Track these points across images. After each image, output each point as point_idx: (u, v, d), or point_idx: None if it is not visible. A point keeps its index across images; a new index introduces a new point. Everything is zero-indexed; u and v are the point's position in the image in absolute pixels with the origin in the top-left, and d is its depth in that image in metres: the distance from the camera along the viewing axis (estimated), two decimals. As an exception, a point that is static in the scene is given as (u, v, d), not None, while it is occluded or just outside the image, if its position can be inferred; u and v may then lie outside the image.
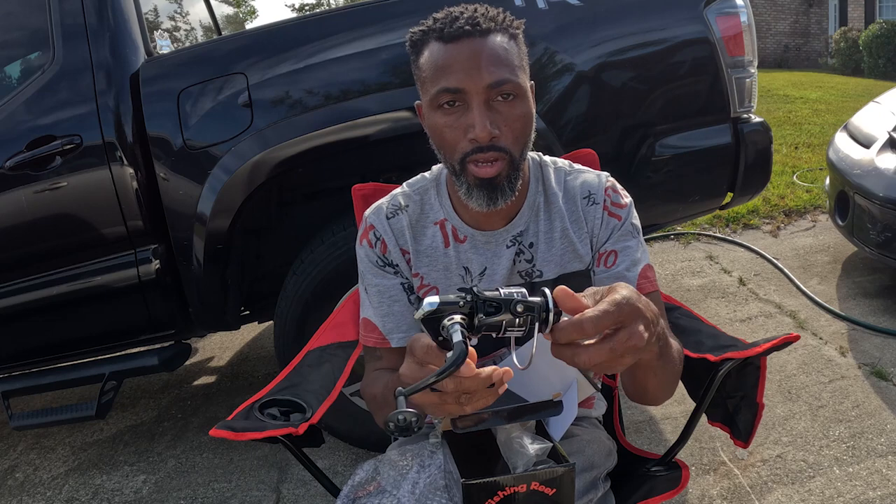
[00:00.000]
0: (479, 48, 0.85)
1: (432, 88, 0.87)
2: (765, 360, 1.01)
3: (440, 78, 0.86)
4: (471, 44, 0.85)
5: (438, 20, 0.88)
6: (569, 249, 0.99)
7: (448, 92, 0.85)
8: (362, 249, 1.03)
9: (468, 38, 0.85)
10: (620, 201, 1.00)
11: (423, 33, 0.89)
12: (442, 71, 0.86)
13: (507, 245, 0.99)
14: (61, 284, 1.91)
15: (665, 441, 1.96)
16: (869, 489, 1.68)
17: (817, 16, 15.37)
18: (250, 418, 0.98)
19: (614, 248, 0.99)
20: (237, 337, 3.05)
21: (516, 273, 0.99)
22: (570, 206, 1.00)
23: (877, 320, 2.51)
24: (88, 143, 1.80)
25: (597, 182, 1.01)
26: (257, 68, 1.76)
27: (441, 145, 0.90)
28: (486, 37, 0.86)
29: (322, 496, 1.89)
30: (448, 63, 0.85)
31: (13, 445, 2.38)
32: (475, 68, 0.84)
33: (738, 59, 1.83)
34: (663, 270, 3.21)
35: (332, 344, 1.25)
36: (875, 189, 2.53)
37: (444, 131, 0.88)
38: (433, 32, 0.88)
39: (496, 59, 0.85)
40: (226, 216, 1.80)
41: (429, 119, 0.91)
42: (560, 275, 0.99)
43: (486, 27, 0.86)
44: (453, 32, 0.85)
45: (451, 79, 0.85)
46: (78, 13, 1.82)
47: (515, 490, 0.79)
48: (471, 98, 0.85)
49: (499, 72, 0.85)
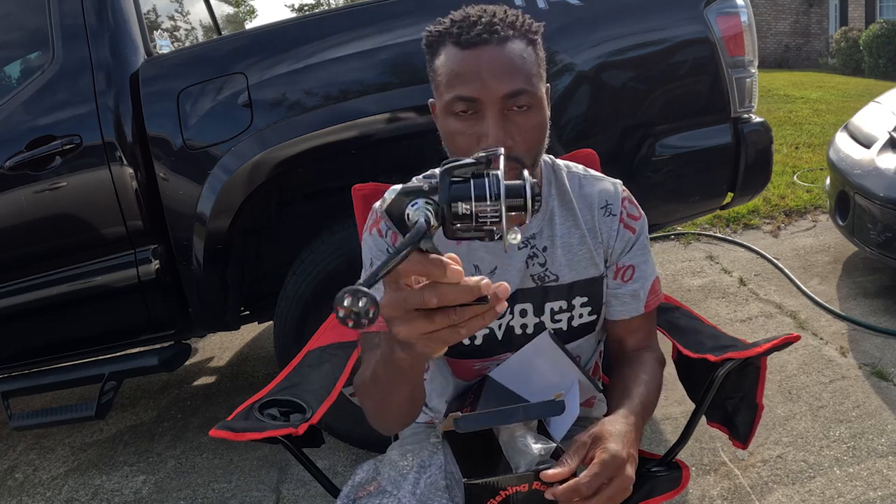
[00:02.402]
0: (495, 57, 0.83)
1: (447, 94, 0.85)
2: (765, 360, 1.01)
3: (455, 85, 0.84)
4: (488, 52, 0.83)
5: (456, 22, 0.86)
6: (586, 256, 0.99)
7: (462, 100, 0.84)
8: (371, 238, 0.98)
9: (485, 46, 0.83)
10: (636, 213, 1.01)
11: (440, 34, 0.87)
12: (457, 78, 0.84)
13: (519, 247, 0.98)
14: (61, 284, 1.91)
15: (665, 441, 1.96)
16: (869, 489, 1.68)
17: (818, 16, 15.37)
18: (250, 419, 0.98)
19: (632, 262, 1.01)
20: (237, 337, 3.05)
21: (529, 276, 0.99)
22: (587, 213, 1.00)
23: (877, 320, 2.51)
24: (88, 143, 1.80)
25: (614, 192, 1.01)
26: (257, 68, 1.76)
27: (453, 150, 0.89)
28: (504, 44, 0.84)
29: (322, 496, 1.89)
30: (464, 70, 0.83)
31: (13, 445, 2.38)
32: (491, 78, 0.82)
33: (739, 59, 1.83)
34: (664, 270, 3.21)
35: (332, 344, 1.25)
36: (875, 189, 2.53)
37: (457, 137, 0.87)
38: (450, 36, 0.85)
39: (513, 68, 0.83)
40: (226, 216, 1.80)
41: (442, 122, 0.90)
42: (575, 280, 0.99)
43: (505, 34, 0.84)
44: (470, 39, 0.83)
45: (466, 87, 0.83)
46: (78, 13, 1.82)
47: (517, 490, 0.79)
48: (485, 107, 0.84)
49: (515, 82, 0.83)
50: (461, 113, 0.85)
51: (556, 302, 0.99)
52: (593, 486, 0.73)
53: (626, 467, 0.75)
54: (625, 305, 1.01)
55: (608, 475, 0.74)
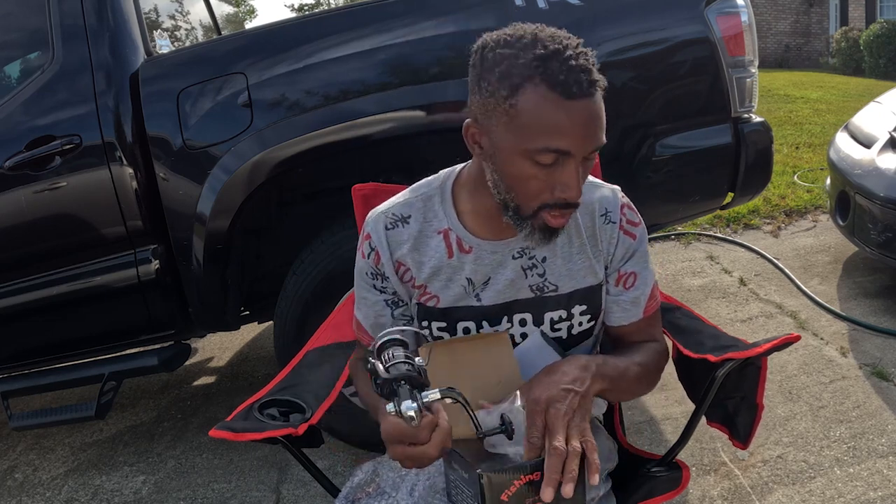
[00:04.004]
0: (595, 113, 0.80)
1: (534, 143, 0.80)
2: (765, 360, 1.01)
3: (553, 137, 0.79)
4: (588, 107, 0.79)
5: (549, 60, 0.78)
6: (585, 265, 0.99)
7: (556, 153, 0.80)
8: (359, 257, 1.03)
9: (588, 100, 0.79)
10: (635, 219, 1.01)
11: (530, 70, 0.79)
12: (556, 130, 0.79)
13: (514, 256, 0.97)
14: (61, 284, 1.91)
15: (665, 441, 1.96)
16: (870, 490, 1.68)
17: (818, 15, 15.36)
18: (250, 419, 0.97)
19: (634, 269, 1.01)
20: (237, 337, 3.05)
21: (526, 287, 0.98)
22: (587, 221, 0.99)
23: (878, 320, 2.51)
24: (88, 143, 1.80)
25: (613, 199, 1.00)
26: (257, 68, 1.76)
27: (519, 191, 0.84)
28: (596, 96, 0.80)
29: (322, 497, 1.89)
30: (566, 124, 0.78)
31: (13, 446, 2.38)
32: (589, 136, 0.80)
33: (739, 59, 1.83)
34: (664, 270, 3.21)
35: (332, 344, 1.25)
36: (876, 189, 2.53)
37: (531, 182, 0.83)
38: (547, 76, 0.78)
39: (603, 124, 0.82)
40: (225, 216, 1.80)
41: (512, 162, 0.83)
42: (575, 289, 0.99)
43: (598, 84, 0.80)
44: (575, 92, 0.78)
45: (565, 141, 0.79)
46: (77, 13, 1.82)
47: (530, 478, 0.79)
48: (573, 160, 0.81)
49: (603, 137, 0.82)
50: (544, 162, 0.81)
51: (556, 311, 0.99)
52: (534, 434, 0.80)
53: (556, 394, 0.81)
54: (625, 312, 1.02)
55: (539, 418, 0.80)
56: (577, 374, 0.85)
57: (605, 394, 0.90)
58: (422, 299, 1.00)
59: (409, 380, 0.75)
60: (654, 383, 1.01)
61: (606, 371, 0.89)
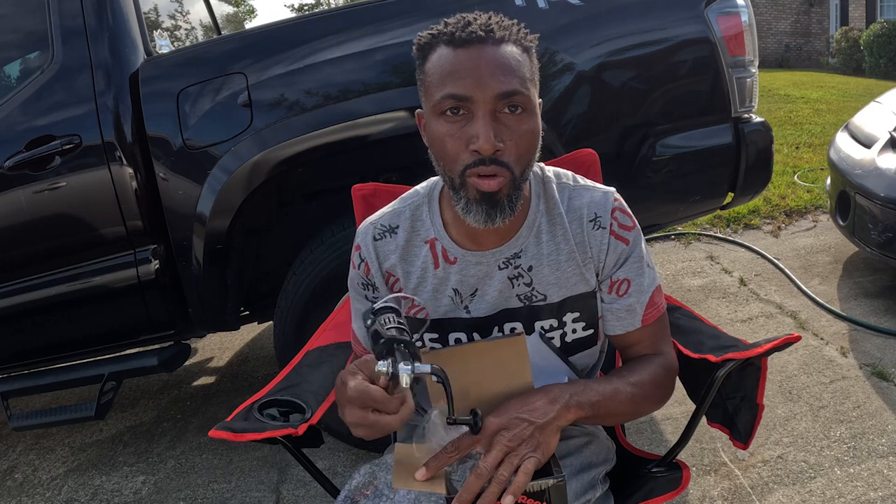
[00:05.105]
0: (490, 55, 0.80)
1: (437, 94, 0.82)
2: (765, 360, 1.00)
3: (447, 83, 0.81)
4: (483, 50, 0.81)
5: (450, 24, 0.84)
6: (575, 272, 0.95)
7: (453, 98, 0.80)
8: (351, 268, 1.02)
9: (480, 45, 0.81)
10: (628, 223, 0.96)
11: (433, 37, 0.84)
12: (449, 76, 0.81)
13: (500, 266, 0.94)
14: (61, 285, 1.91)
15: (665, 441, 1.96)
16: (870, 490, 1.68)
17: (818, 15, 15.36)
18: (250, 419, 0.97)
19: (627, 276, 0.96)
20: (237, 337, 3.05)
21: (514, 296, 0.95)
22: (576, 227, 0.95)
23: (878, 321, 2.51)
24: (88, 143, 1.80)
25: (603, 203, 0.95)
26: (257, 68, 1.76)
27: (441, 156, 0.85)
28: (500, 45, 0.81)
29: (322, 497, 1.89)
30: (456, 68, 0.81)
31: (12, 446, 2.38)
32: (485, 76, 0.80)
33: (739, 59, 1.83)
34: (664, 271, 3.20)
35: (332, 344, 1.25)
36: (876, 189, 2.53)
37: (446, 141, 0.83)
38: (443, 36, 0.83)
39: (508, 68, 0.81)
40: (225, 216, 1.80)
41: (430, 127, 0.85)
42: (565, 298, 0.96)
43: (500, 35, 0.82)
44: (465, 37, 0.81)
45: (458, 85, 0.80)
46: (77, 13, 1.82)
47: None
48: (477, 107, 0.80)
49: (509, 82, 0.80)
50: (450, 113, 0.82)
51: (546, 321, 0.96)
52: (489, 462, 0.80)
53: (507, 422, 0.82)
54: (620, 320, 0.97)
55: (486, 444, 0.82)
56: (540, 404, 0.83)
57: (587, 420, 0.88)
58: (411, 311, 0.97)
59: (409, 346, 0.75)
60: (659, 400, 0.96)
61: (586, 398, 0.86)
